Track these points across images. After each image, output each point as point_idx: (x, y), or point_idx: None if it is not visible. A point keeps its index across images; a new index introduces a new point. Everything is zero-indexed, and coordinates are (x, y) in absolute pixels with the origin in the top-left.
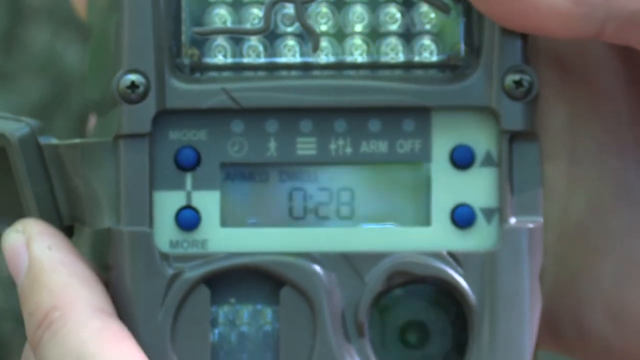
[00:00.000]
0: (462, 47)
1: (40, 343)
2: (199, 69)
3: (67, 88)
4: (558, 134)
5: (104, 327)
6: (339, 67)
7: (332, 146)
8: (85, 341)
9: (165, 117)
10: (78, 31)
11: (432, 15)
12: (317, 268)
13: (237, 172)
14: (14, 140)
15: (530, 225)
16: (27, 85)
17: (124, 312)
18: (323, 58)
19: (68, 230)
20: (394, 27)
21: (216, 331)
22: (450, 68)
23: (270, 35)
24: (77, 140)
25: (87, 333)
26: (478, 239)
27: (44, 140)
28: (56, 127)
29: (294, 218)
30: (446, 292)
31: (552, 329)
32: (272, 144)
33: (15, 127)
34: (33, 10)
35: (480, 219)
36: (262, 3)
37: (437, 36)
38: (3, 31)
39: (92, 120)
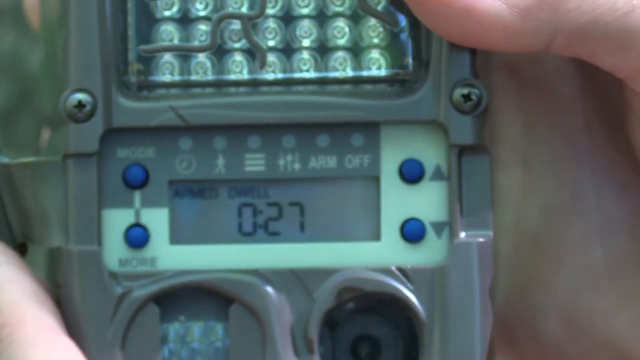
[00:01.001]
0: (411, 61)
1: None
2: (146, 86)
3: (32, 91)
4: (513, 142)
5: (52, 346)
6: (287, 83)
7: (281, 162)
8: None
9: (112, 135)
10: None
11: (380, 29)
12: (266, 285)
13: (185, 189)
14: None
15: (481, 240)
16: None
17: (74, 329)
18: (271, 74)
19: (21, 248)
20: (342, 41)
21: (166, 348)
22: (399, 82)
23: (218, 52)
24: (28, 159)
25: (34, 351)
26: (428, 253)
27: None
28: (21, 129)
29: (244, 234)
30: (396, 306)
31: (507, 337)
32: (221, 161)
33: None
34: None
35: (430, 234)
36: (209, 19)
37: (386, 50)
38: None
39: (45, 134)
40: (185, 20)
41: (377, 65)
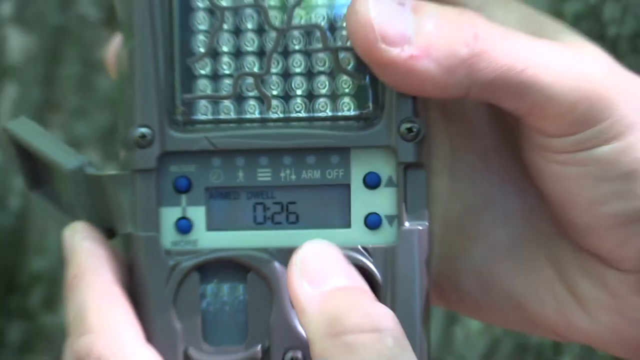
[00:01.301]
0: (371, 105)
1: (67, 298)
2: (189, 123)
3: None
4: (443, 159)
5: (102, 288)
6: (286, 120)
7: (282, 174)
8: (87, 297)
9: (166, 156)
10: None
11: (350, 82)
12: (272, 259)
13: (216, 193)
14: (67, 172)
15: (420, 227)
16: (97, 117)
17: (140, 289)
18: (274, 114)
19: (109, 233)
20: (323, 91)
21: (204, 301)
22: (363, 119)
23: (238, 99)
24: (111, 173)
25: (89, 291)
26: (383, 237)
27: (89, 172)
28: (118, 147)
29: (257, 223)
30: (362, 273)
31: (439, 291)
32: (240, 173)
33: (69, 161)
34: (102, 62)
35: (385, 223)
36: (231, 76)
37: (354, 97)
38: (79, 78)
39: (122, 155)
40: (215, 77)
41: (348, 108)
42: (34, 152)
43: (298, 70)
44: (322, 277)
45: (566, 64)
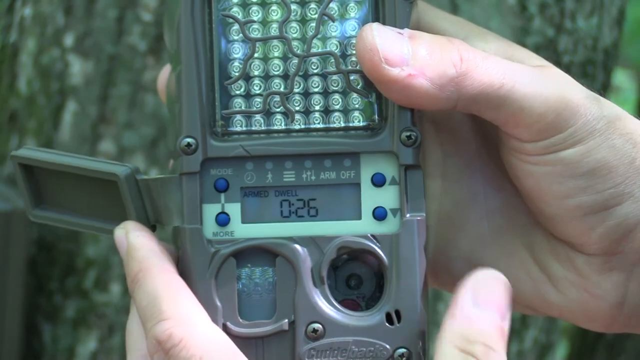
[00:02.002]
0: (377, 117)
1: (133, 293)
2: (227, 134)
3: (165, 130)
4: (435, 163)
5: (169, 279)
6: (307, 130)
7: (304, 175)
8: (157, 288)
9: (208, 162)
10: None
11: (359, 99)
12: (297, 246)
13: (250, 192)
14: (121, 178)
15: (418, 218)
16: (143, 129)
17: (187, 273)
18: (297, 125)
19: (153, 228)
20: (338, 106)
21: (240, 283)
22: (370, 129)
23: (267, 114)
24: (159, 176)
25: (158, 283)
26: (389, 226)
27: (139, 177)
28: (160, 155)
29: (283, 217)
30: (371, 257)
31: (434, 274)
32: (270, 175)
33: (121, 169)
34: (150, 82)
35: (390, 215)
36: (261, 95)
37: (363, 111)
38: (128, 97)
39: (170, 163)
40: (248, 95)
41: (358, 120)
42: (61, 167)
43: (316, 89)
44: (485, 302)
45: (535, 82)
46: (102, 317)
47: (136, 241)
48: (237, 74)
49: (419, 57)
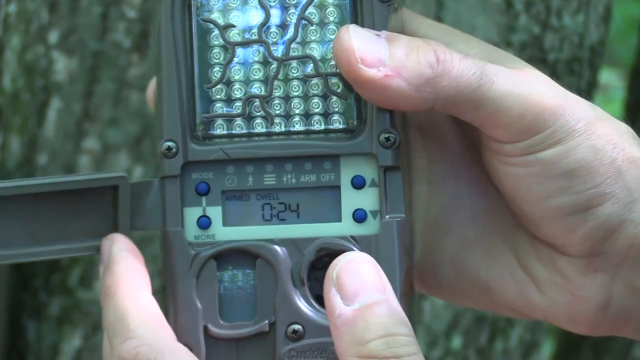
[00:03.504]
0: (356, 120)
1: (103, 307)
2: (207, 137)
3: (150, 127)
4: (421, 169)
5: (139, 297)
6: (287, 133)
7: (284, 178)
8: (126, 305)
9: (188, 165)
10: None
11: (339, 102)
12: (277, 247)
13: (231, 195)
14: (125, 181)
15: (397, 219)
16: (128, 126)
17: (168, 275)
18: (277, 128)
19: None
20: (318, 110)
21: (221, 286)
22: (350, 132)
23: (247, 117)
24: (142, 180)
25: (128, 300)
26: (368, 228)
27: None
28: (145, 152)
29: (265, 220)
30: None
31: (421, 279)
32: (250, 178)
33: (120, 174)
34: (134, 79)
35: (370, 217)
36: (242, 99)
37: (342, 114)
38: (113, 94)
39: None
40: (228, 100)
41: (337, 122)
42: (49, 187)
43: (296, 93)
44: (354, 293)
45: (513, 83)
46: (87, 315)
47: (117, 254)
48: (217, 78)
49: (396, 58)
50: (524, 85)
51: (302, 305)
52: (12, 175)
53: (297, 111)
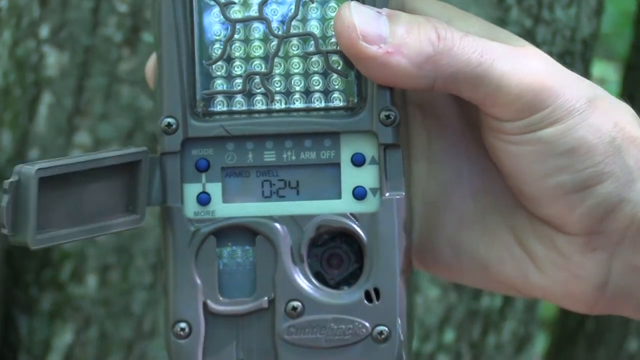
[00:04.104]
0: (356, 97)
1: None
2: (207, 114)
3: (141, 121)
4: (421, 146)
5: None
6: (287, 110)
7: (284, 155)
8: None
9: (188, 141)
10: (149, 94)
11: (339, 80)
12: (277, 225)
13: (231, 172)
14: (147, 155)
15: (397, 197)
16: (119, 121)
17: (167, 251)
18: (277, 106)
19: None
20: (318, 87)
21: (220, 262)
22: (350, 109)
23: (247, 94)
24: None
25: None
26: (368, 205)
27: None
28: (136, 146)
29: (264, 197)
30: (350, 236)
31: (419, 257)
32: (250, 155)
33: (141, 151)
34: (125, 74)
35: (370, 195)
36: (242, 76)
37: (342, 91)
38: (104, 89)
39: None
40: (229, 77)
41: (338, 100)
42: (78, 167)
43: (297, 70)
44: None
45: (514, 61)
46: (78, 310)
47: None
48: (217, 55)
49: (397, 35)
50: (524, 63)
51: (302, 282)
52: (3, 171)
53: (297, 88)
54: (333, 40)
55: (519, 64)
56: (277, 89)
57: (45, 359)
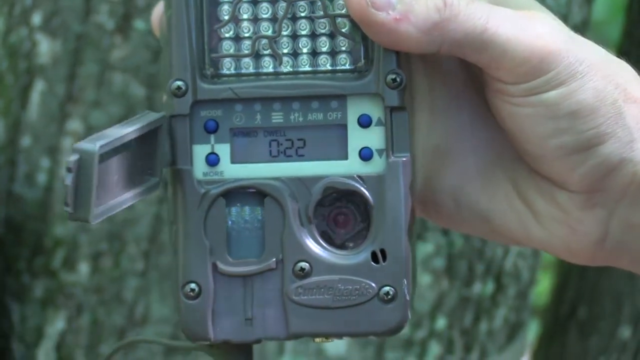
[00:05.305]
0: (363, 60)
1: None
2: (216, 76)
3: (133, 108)
4: (423, 96)
5: None
6: (295, 73)
7: (292, 117)
8: None
9: (197, 104)
10: (141, 81)
11: (346, 42)
12: (285, 186)
13: (239, 132)
14: (167, 117)
15: (403, 159)
16: (111, 108)
17: (177, 213)
18: (285, 68)
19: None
20: (325, 49)
21: (229, 220)
22: (357, 72)
23: (256, 56)
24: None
25: None
26: (374, 167)
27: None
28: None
29: (272, 156)
30: (357, 196)
31: (422, 207)
32: (258, 116)
33: (162, 116)
34: (118, 61)
35: (376, 156)
36: (250, 38)
37: (349, 53)
38: (96, 76)
39: (164, 99)
40: (237, 39)
41: (344, 62)
42: (122, 140)
43: (304, 32)
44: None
45: (519, 26)
46: (70, 297)
47: None
48: (226, 17)
49: (405, 2)
50: (529, 28)
51: (310, 243)
52: None
53: (304, 50)
54: (340, 2)
55: (524, 29)
56: (285, 50)
57: (37, 346)
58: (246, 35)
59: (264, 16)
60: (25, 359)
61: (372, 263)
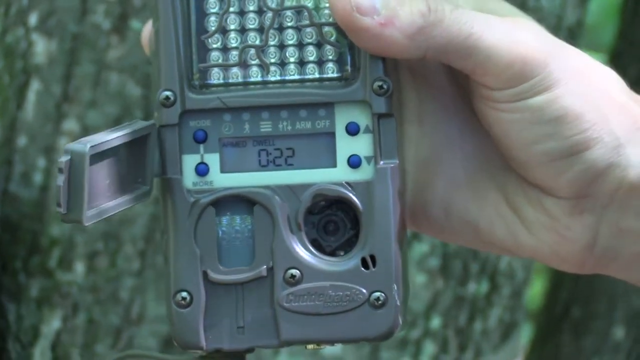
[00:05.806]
0: (350, 68)
1: None
2: (204, 86)
3: (130, 108)
4: (412, 109)
5: None
6: (282, 82)
7: (280, 125)
8: None
9: (186, 114)
10: (137, 81)
11: (333, 50)
12: (274, 194)
13: (228, 142)
14: (156, 126)
15: (391, 165)
16: (107, 108)
17: (167, 222)
18: (273, 77)
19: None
20: (312, 58)
21: (220, 230)
22: (344, 80)
23: (243, 66)
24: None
25: None
26: (363, 174)
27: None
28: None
29: (261, 166)
30: (346, 204)
31: (412, 218)
32: (247, 126)
33: (151, 124)
34: (114, 61)
35: (364, 163)
36: (238, 48)
37: (336, 62)
38: (92, 76)
39: (156, 114)
40: (225, 49)
41: (331, 70)
42: (114, 143)
43: (291, 42)
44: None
45: (503, 32)
46: (66, 297)
47: None
48: (213, 28)
49: (389, 7)
50: (513, 34)
51: (300, 250)
52: None
53: (292, 59)
54: (326, 11)
55: (508, 34)
56: (272, 60)
57: (33, 346)
58: (234, 45)
59: (251, 26)
60: (21, 358)
61: (362, 269)
